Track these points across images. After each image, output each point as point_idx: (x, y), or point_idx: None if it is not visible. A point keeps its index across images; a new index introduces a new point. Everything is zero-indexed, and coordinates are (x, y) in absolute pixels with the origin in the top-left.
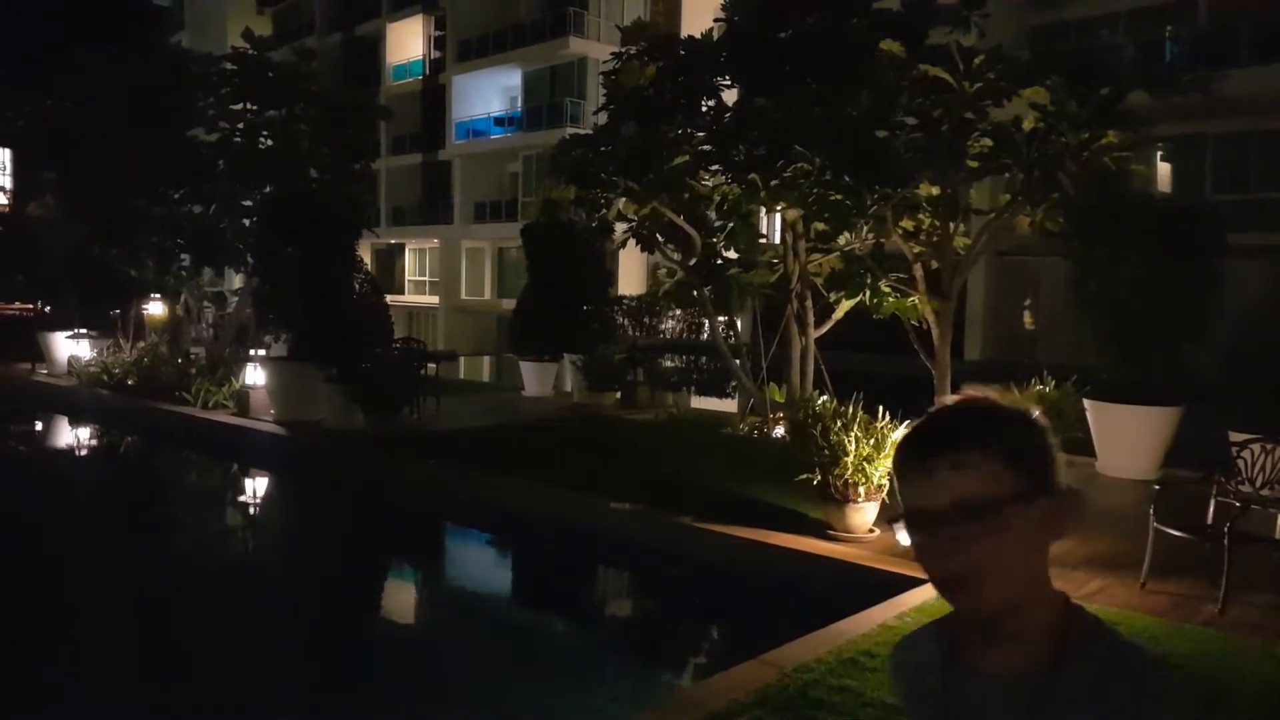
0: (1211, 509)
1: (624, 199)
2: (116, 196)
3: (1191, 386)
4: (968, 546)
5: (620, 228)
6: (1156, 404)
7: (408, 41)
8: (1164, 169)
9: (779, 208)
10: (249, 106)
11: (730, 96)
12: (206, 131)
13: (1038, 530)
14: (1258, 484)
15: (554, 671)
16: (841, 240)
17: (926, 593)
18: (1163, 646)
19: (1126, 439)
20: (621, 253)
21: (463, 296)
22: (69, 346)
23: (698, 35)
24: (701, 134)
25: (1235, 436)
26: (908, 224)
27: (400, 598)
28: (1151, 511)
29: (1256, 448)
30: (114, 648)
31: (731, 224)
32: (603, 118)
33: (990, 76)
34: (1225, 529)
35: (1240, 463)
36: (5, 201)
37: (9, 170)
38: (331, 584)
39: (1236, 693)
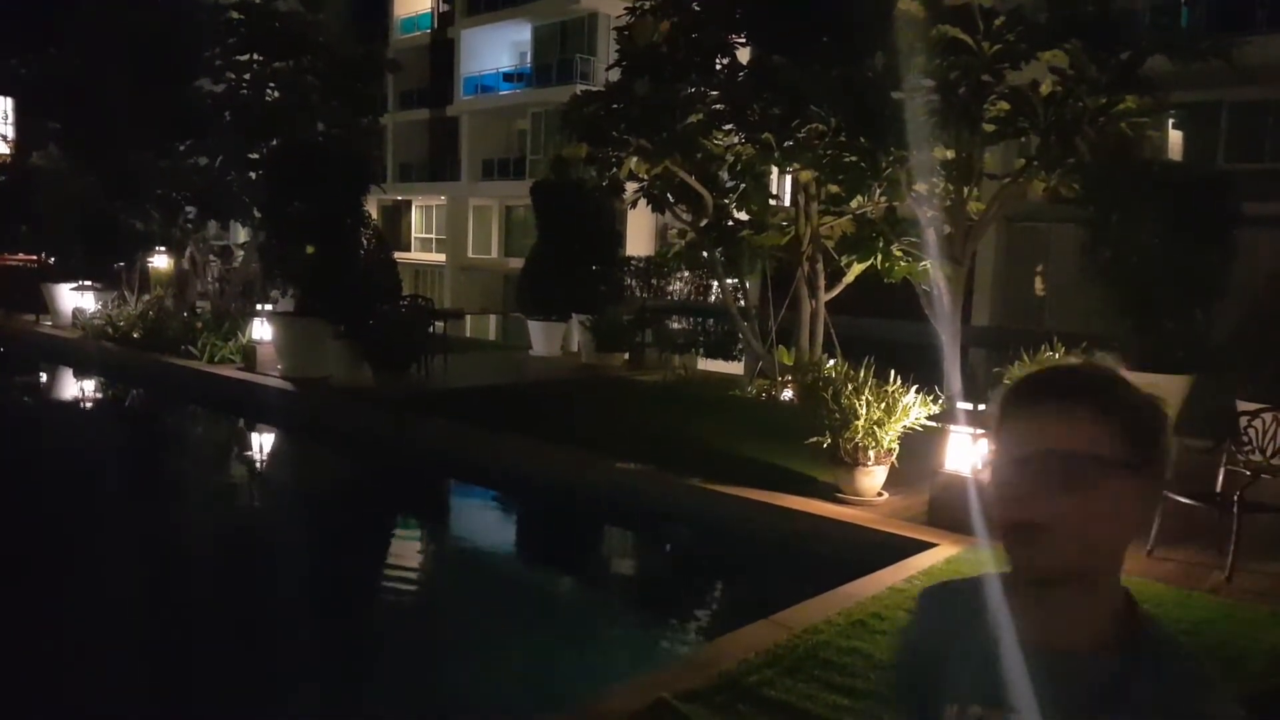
0: (1221, 477)
1: (635, 158)
2: (121, 147)
3: (1203, 355)
4: (1053, 495)
5: (631, 187)
6: (1167, 372)
7: None
8: (1176, 136)
9: (792, 169)
10: (255, 58)
11: (745, 55)
12: (213, 82)
13: (1128, 505)
14: (1268, 453)
15: (561, 631)
16: (854, 203)
17: (935, 556)
18: (1170, 614)
19: None
20: (630, 213)
21: (469, 255)
22: (73, 298)
23: None
24: (715, 93)
25: (1245, 406)
26: (921, 188)
27: (407, 556)
28: None
29: (1268, 417)
30: (125, 603)
31: (744, 185)
32: (615, 74)
33: (1009, 39)
34: (1235, 497)
35: (1251, 432)
36: (8, 151)
37: (12, 120)
38: (338, 540)
39: (1244, 660)
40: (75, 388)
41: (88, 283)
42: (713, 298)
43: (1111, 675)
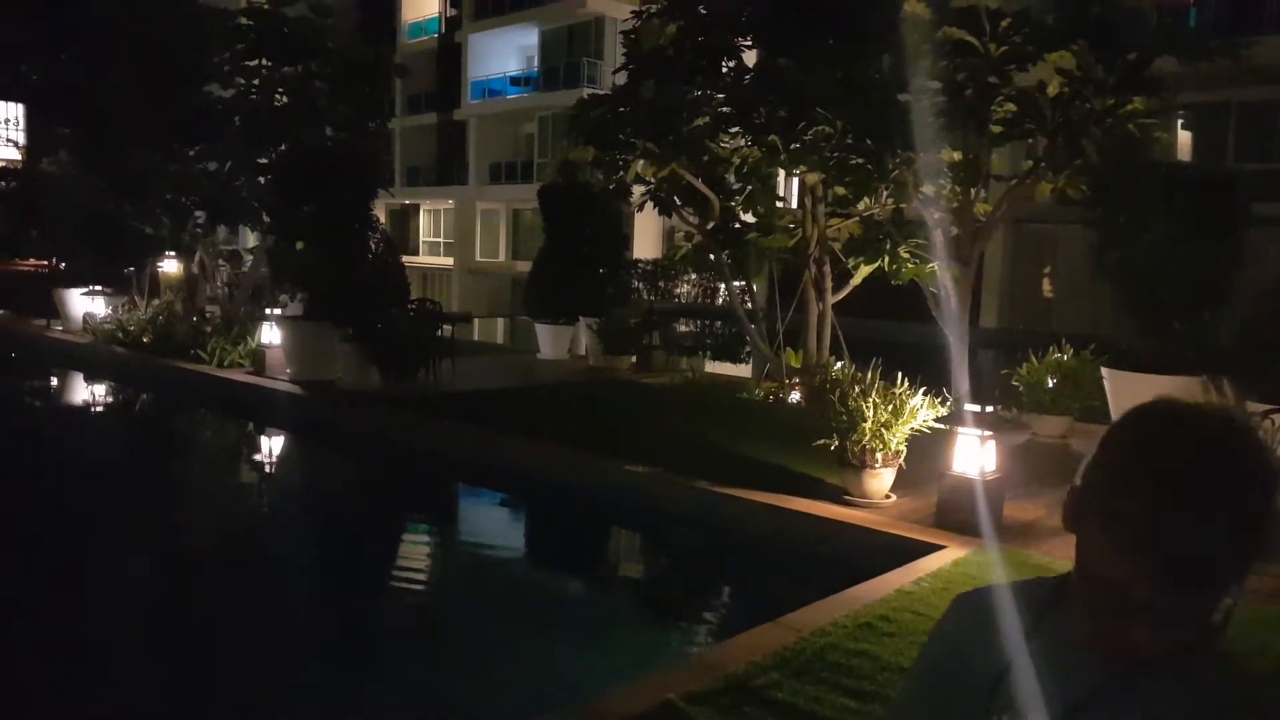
0: None
1: (642, 161)
2: (130, 153)
3: (1210, 356)
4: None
5: (638, 190)
6: (1175, 373)
7: None
8: (1185, 137)
9: (798, 171)
10: (264, 63)
11: (751, 58)
12: (222, 88)
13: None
14: (1277, 455)
15: (570, 632)
16: (861, 205)
17: (943, 558)
18: None
19: None
20: (637, 216)
21: (477, 258)
22: (84, 303)
23: None
24: (722, 95)
25: (1254, 407)
26: (928, 189)
27: (415, 559)
28: None
29: (1277, 419)
30: (139, 604)
31: (750, 187)
32: (621, 78)
33: (1016, 40)
34: None
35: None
36: (19, 157)
37: (23, 126)
38: (348, 542)
39: (1255, 661)
40: (86, 392)
41: (98, 287)
42: (720, 300)
43: (1142, 683)
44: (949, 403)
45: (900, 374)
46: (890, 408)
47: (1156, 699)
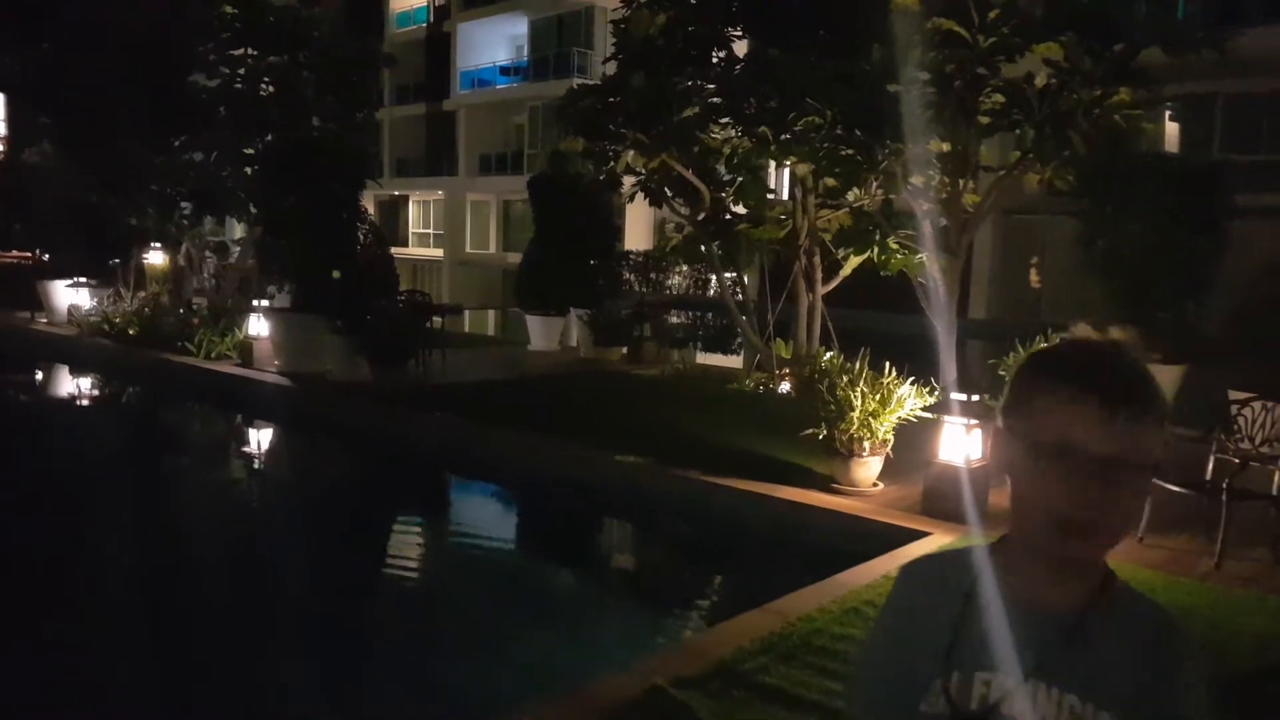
0: (1211, 465)
1: (633, 151)
2: (115, 143)
3: (1195, 345)
4: (1121, 498)
5: (628, 181)
6: (1160, 362)
7: None
8: (1171, 128)
9: (789, 162)
10: (250, 52)
11: (742, 48)
12: (207, 78)
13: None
14: (1257, 441)
15: (560, 620)
16: (851, 196)
17: (928, 545)
18: (1160, 599)
19: None
20: (628, 207)
21: (467, 250)
22: (69, 295)
23: None
24: (712, 86)
25: (1235, 395)
26: (917, 180)
27: (404, 550)
28: None
29: (1257, 406)
30: (127, 599)
31: (741, 178)
32: (611, 68)
33: (1004, 31)
34: (1224, 485)
35: (1240, 420)
36: (1, 148)
37: (4, 115)
38: (337, 535)
39: (1232, 645)
40: (72, 384)
41: (83, 279)
42: (711, 292)
43: (1087, 626)
44: (936, 392)
45: (889, 364)
46: (878, 397)
47: (1107, 646)
